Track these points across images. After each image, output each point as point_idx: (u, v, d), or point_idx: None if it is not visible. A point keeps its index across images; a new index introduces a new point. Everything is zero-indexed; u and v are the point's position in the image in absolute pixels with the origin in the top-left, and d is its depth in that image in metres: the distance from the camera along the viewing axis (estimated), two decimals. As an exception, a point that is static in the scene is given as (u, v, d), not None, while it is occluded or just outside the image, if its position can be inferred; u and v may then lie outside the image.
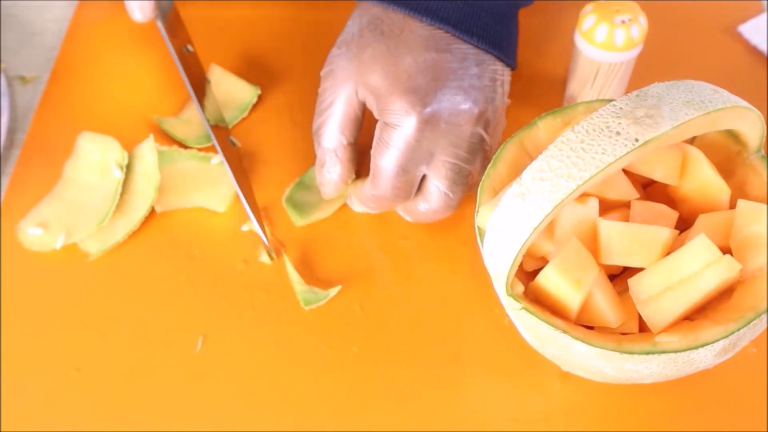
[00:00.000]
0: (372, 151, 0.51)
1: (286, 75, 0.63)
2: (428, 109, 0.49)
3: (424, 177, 0.51)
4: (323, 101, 0.52)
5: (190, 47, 0.60)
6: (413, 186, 0.51)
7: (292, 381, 0.50)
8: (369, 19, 0.52)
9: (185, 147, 0.59)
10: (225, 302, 0.53)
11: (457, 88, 0.49)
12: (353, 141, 0.53)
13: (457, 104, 0.49)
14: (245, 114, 0.60)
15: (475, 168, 0.51)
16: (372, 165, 0.51)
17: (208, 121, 0.57)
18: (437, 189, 0.51)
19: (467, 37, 0.51)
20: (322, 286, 0.53)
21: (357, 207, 0.55)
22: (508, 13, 0.54)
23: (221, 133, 0.58)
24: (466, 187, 0.52)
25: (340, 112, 0.51)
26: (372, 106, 0.51)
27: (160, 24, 0.55)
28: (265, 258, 0.54)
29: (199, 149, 0.59)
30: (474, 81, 0.50)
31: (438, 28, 0.51)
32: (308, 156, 0.57)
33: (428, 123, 0.49)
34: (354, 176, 0.54)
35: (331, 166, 0.53)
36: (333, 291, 0.52)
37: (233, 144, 0.58)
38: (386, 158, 0.50)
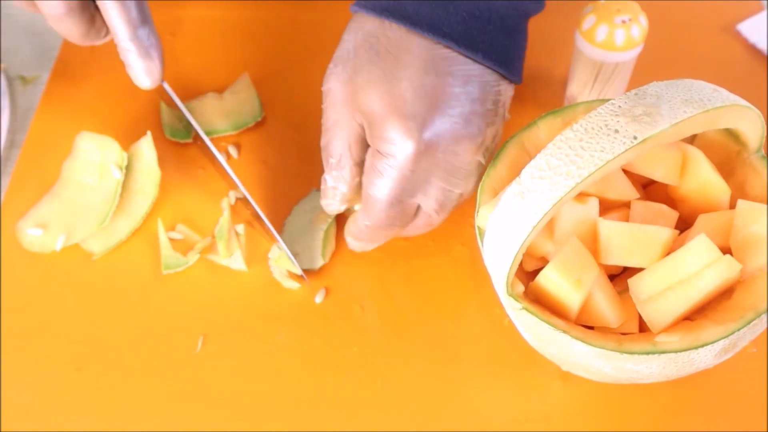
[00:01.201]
0: (364, 180, 0.48)
1: (290, 80, 0.63)
2: (425, 139, 0.46)
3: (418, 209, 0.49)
4: (326, 120, 0.50)
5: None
6: (409, 215, 0.49)
7: (292, 381, 0.50)
8: (364, 36, 0.48)
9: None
10: (225, 302, 0.53)
11: (458, 116, 0.46)
12: (360, 161, 0.49)
13: (457, 133, 0.46)
14: (235, 132, 0.60)
15: (467, 189, 0.50)
16: (364, 195, 0.48)
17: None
18: (425, 212, 0.49)
19: (472, 54, 0.47)
20: (321, 285, 0.53)
21: (353, 244, 0.52)
22: (518, 25, 0.50)
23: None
24: (453, 207, 0.50)
25: (344, 133, 0.49)
26: (366, 131, 0.48)
27: (166, 85, 0.54)
28: (290, 283, 0.54)
29: (173, 142, 0.60)
30: (476, 107, 0.47)
31: (439, 44, 0.47)
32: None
33: (425, 153, 0.46)
34: (357, 200, 0.52)
35: (338, 182, 0.50)
36: (193, 258, 0.53)
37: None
38: (379, 188, 0.47)
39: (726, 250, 0.42)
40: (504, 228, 0.39)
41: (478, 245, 0.45)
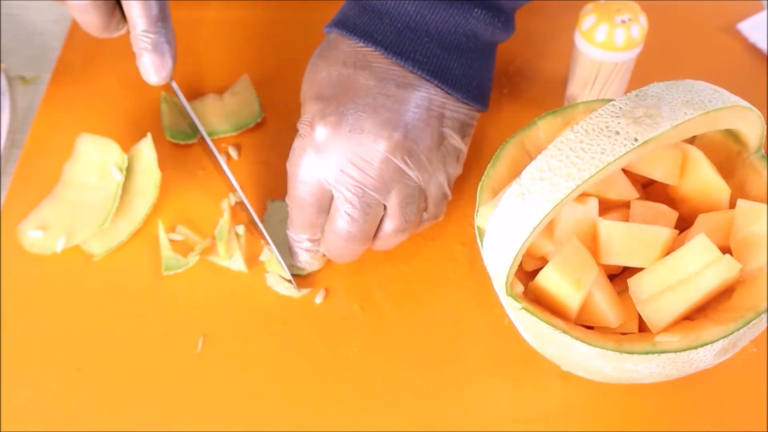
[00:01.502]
0: (287, 162, 0.51)
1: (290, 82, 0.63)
2: (329, 120, 0.48)
3: (333, 199, 0.50)
4: None
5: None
6: (320, 201, 0.49)
7: (292, 381, 0.50)
8: (318, 48, 0.53)
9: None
10: (225, 302, 0.53)
11: (365, 106, 0.48)
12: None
13: (362, 121, 0.48)
14: (235, 133, 0.60)
15: (391, 202, 0.49)
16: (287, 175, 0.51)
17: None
18: (338, 209, 0.49)
19: (400, 60, 0.49)
20: (321, 285, 0.53)
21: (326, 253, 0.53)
22: (464, 45, 0.51)
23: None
24: (373, 218, 0.49)
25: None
26: None
27: (175, 85, 0.54)
28: (291, 291, 0.53)
29: (173, 143, 0.60)
30: (389, 102, 0.48)
31: (367, 47, 0.50)
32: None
33: (329, 135, 0.48)
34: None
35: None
36: (193, 259, 0.53)
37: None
38: (293, 163, 0.49)
39: (726, 250, 0.42)
40: (504, 229, 0.39)
41: (478, 245, 0.45)
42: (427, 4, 0.50)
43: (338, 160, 0.48)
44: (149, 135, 0.57)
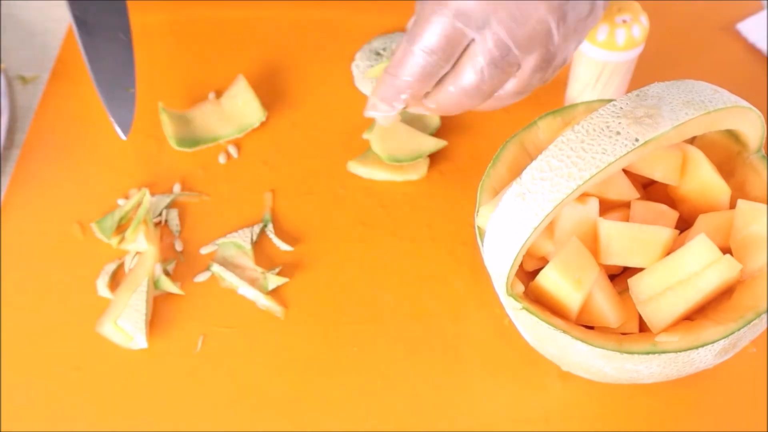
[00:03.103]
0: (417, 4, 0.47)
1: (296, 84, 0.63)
2: None
3: (466, 50, 0.46)
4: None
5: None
6: (454, 48, 0.46)
7: (292, 381, 0.50)
8: None
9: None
10: (225, 302, 0.53)
11: None
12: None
13: None
14: (240, 135, 0.60)
15: (527, 64, 0.47)
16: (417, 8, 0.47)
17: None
18: (473, 62, 0.46)
19: None
20: (320, 285, 0.53)
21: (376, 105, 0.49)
22: None
23: None
24: (506, 76, 0.47)
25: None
26: None
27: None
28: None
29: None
30: None
31: None
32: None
33: None
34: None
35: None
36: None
37: None
38: (431, 3, 0.46)
39: (726, 250, 0.42)
40: (504, 229, 0.39)
41: (478, 245, 0.45)
42: None
43: (495, 13, 0.45)
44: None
